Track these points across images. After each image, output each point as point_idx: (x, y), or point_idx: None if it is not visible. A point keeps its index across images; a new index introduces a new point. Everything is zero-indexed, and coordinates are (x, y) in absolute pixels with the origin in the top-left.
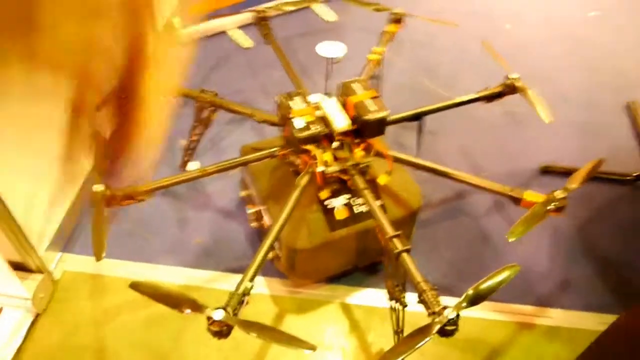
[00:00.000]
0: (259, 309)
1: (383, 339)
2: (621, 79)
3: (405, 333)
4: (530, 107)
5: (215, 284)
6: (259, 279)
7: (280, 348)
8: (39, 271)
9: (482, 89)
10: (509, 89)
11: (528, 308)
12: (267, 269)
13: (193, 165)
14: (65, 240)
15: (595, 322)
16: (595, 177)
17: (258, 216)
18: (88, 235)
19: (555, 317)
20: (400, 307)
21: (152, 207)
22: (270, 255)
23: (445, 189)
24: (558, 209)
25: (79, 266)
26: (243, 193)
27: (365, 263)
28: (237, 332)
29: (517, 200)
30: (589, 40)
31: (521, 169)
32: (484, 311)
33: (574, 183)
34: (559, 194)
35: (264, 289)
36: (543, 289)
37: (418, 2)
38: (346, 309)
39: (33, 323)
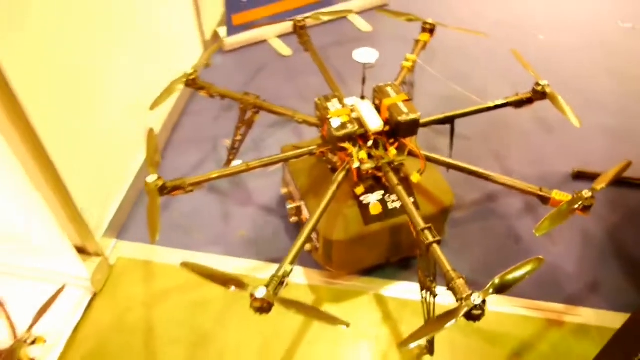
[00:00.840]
0: (298, 297)
1: (414, 329)
2: None
3: None
4: (560, 113)
5: (257, 273)
6: (299, 269)
7: (316, 334)
8: (97, 255)
9: (512, 95)
10: (539, 95)
11: (558, 306)
12: (306, 260)
13: (237, 164)
14: (119, 228)
15: (622, 321)
16: (627, 182)
17: (297, 211)
18: (140, 224)
19: (584, 315)
20: (431, 297)
21: (199, 203)
22: (309, 247)
23: (477, 192)
24: (585, 208)
25: (132, 253)
26: (284, 190)
27: (398, 257)
28: (277, 318)
29: (545, 200)
30: (621, 50)
31: (553, 174)
32: (514, 307)
33: (600, 184)
34: (586, 193)
35: (302, 279)
36: (573, 289)
37: (451, 10)
38: (380, 300)
39: (90, 302)
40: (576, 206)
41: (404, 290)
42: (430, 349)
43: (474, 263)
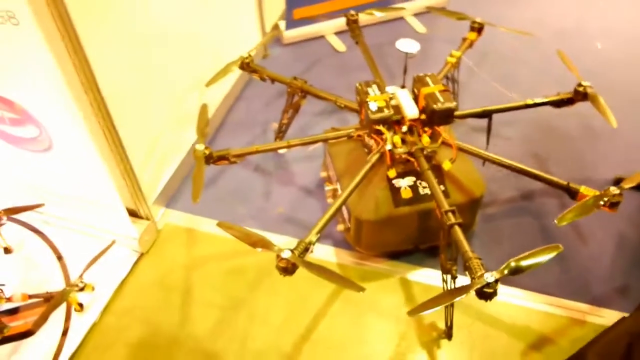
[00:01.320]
0: None
1: (436, 314)
2: None
3: (456, 307)
4: (601, 115)
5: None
6: (330, 249)
7: (339, 309)
8: (147, 219)
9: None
10: (580, 96)
11: (583, 306)
12: (338, 242)
13: (282, 150)
14: (169, 198)
15: None
16: None
17: (334, 193)
18: (188, 196)
19: (607, 317)
20: (452, 280)
21: (243, 180)
22: (342, 227)
23: (512, 190)
24: (612, 205)
25: (178, 220)
26: (323, 174)
27: (426, 244)
28: (305, 291)
29: (573, 194)
30: None
31: (594, 179)
32: (537, 303)
33: (629, 183)
34: (614, 190)
35: (332, 257)
36: (600, 290)
37: (513, 18)
38: (405, 283)
39: (136, 261)
40: (602, 202)
41: (429, 277)
42: (448, 333)
43: (501, 257)
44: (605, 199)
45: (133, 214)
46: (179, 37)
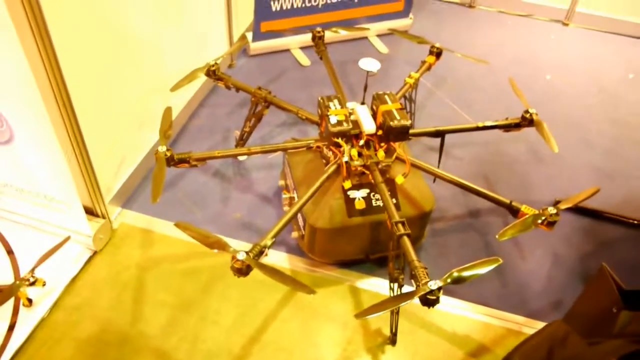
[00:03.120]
0: None
1: (381, 321)
2: None
3: (401, 314)
4: (544, 140)
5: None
6: (284, 255)
7: (290, 314)
8: (103, 217)
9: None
10: (526, 122)
11: (519, 318)
12: (292, 249)
13: (242, 157)
14: (126, 198)
15: None
16: (603, 216)
17: (291, 201)
18: (146, 197)
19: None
20: (399, 289)
21: (202, 185)
22: (296, 234)
23: (461, 207)
24: (549, 224)
25: (135, 221)
26: (281, 182)
27: (376, 254)
28: (257, 296)
29: (515, 212)
30: (622, 99)
31: (536, 201)
32: (477, 314)
33: (566, 204)
34: (551, 210)
35: (286, 263)
36: (536, 304)
37: (472, 45)
38: (354, 291)
39: (90, 259)
40: (540, 220)
41: (378, 285)
42: (393, 339)
43: (447, 269)
44: (543, 217)
45: (89, 211)
46: (147, 40)
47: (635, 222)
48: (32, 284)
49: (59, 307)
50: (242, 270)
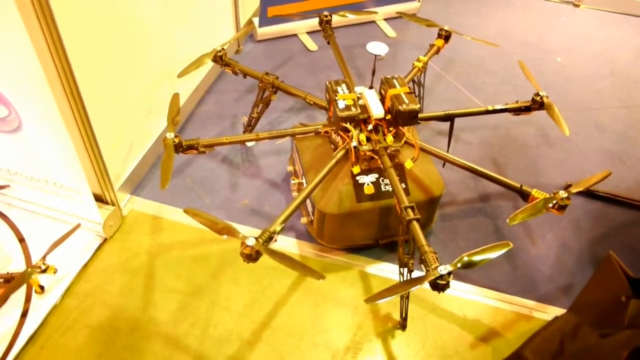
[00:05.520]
0: None
1: (391, 306)
2: None
3: (411, 299)
4: (555, 123)
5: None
6: (293, 240)
7: (299, 298)
8: (112, 204)
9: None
10: (537, 105)
11: (529, 302)
12: (301, 234)
13: (250, 143)
14: (135, 185)
15: None
16: (614, 199)
17: (299, 187)
18: (155, 184)
19: (552, 313)
20: (408, 273)
21: (211, 171)
22: (305, 220)
23: (470, 192)
24: (560, 208)
25: (144, 208)
26: (290, 168)
27: (386, 239)
28: (266, 280)
29: (525, 196)
30: (634, 80)
31: (547, 185)
32: (487, 298)
33: (577, 187)
34: (562, 194)
35: (295, 249)
36: (546, 288)
37: (481, 28)
38: (364, 276)
39: (100, 246)
40: (551, 204)
41: (387, 270)
42: (403, 324)
43: (456, 253)
44: (554, 201)
45: (99, 199)
46: (154, 27)
47: None
48: (44, 271)
49: (70, 293)
50: (252, 256)
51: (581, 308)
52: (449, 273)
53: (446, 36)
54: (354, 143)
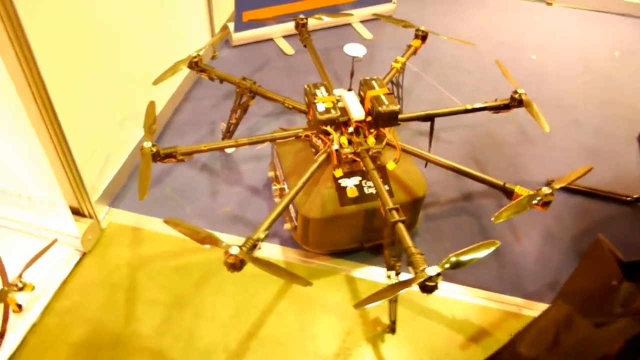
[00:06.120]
0: None
1: (380, 310)
2: (635, 113)
3: (399, 302)
4: (535, 120)
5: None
6: (277, 247)
7: (286, 307)
8: (90, 217)
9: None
10: (516, 102)
11: (518, 300)
12: (285, 240)
13: (230, 149)
14: (113, 196)
15: None
16: (595, 194)
17: (281, 193)
18: (133, 195)
19: (540, 310)
20: (396, 276)
21: (190, 179)
22: (289, 226)
23: (453, 191)
24: (544, 204)
25: (123, 219)
26: (271, 173)
27: (371, 242)
28: (251, 290)
29: (509, 194)
30: (609, 77)
31: (528, 182)
32: (476, 297)
33: (560, 183)
34: (546, 190)
35: (279, 256)
36: (534, 285)
37: (456, 28)
38: (350, 280)
39: (79, 260)
40: (535, 201)
41: (374, 274)
42: (392, 327)
43: (442, 254)
44: (538, 198)
45: (76, 212)
46: (127, 33)
47: (628, 198)
48: (21, 289)
49: (49, 311)
50: (236, 265)
51: (570, 295)
52: (438, 274)
53: (423, 36)
54: (335, 146)
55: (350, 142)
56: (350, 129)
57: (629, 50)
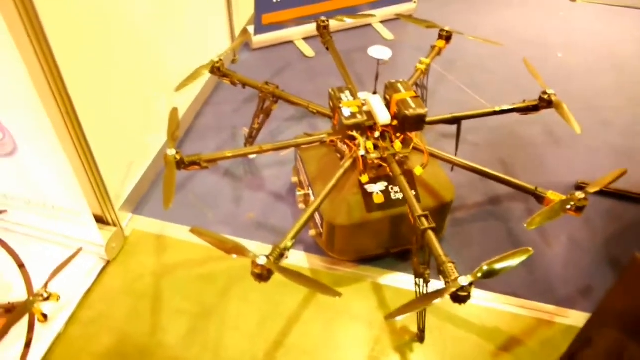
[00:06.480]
0: None
1: (408, 317)
2: None
3: (427, 310)
4: (565, 121)
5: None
6: (302, 254)
7: (312, 315)
8: (114, 225)
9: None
10: (545, 103)
11: (548, 307)
12: (310, 247)
13: (252, 155)
14: (136, 204)
15: None
16: (626, 195)
17: (306, 199)
18: (157, 202)
19: (574, 317)
20: (425, 285)
21: (213, 186)
22: (314, 232)
23: (480, 195)
24: (578, 209)
25: (147, 227)
26: (294, 179)
27: (398, 249)
28: (277, 298)
29: (540, 199)
30: (637, 73)
31: (557, 184)
32: (506, 305)
33: (594, 187)
34: (579, 195)
35: (305, 263)
36: (564, 292)
37: (479, 27)
38: (377, 288)
39: (103, 269)
40: (569, 206)
41: (402, 281)
42: (421, 336)
43: (471, 261)
44: (572, 203)
45: (99, 220)
46: (147, 40)
47: None
48: (46, 299)
49: (74, 321)
50: (264, 276)
51: (612, 317)
52: (470, 284)
53: (447, 37)
54: (362, 152)
55: (376, 147)
56: (377, 134)
57: None
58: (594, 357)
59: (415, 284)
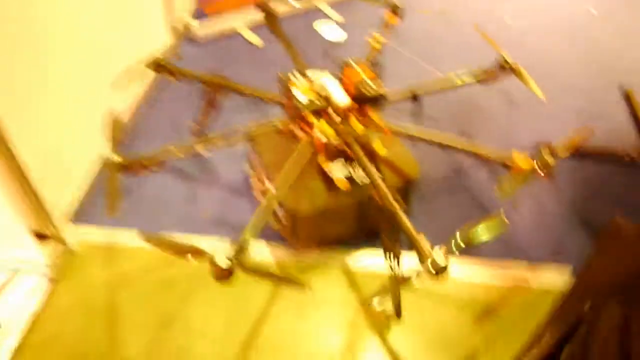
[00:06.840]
0: None
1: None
2: (618, 70)
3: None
4: (526, 87)
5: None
6: (265, 246)
7: (281, 308)
8: (55, 239)
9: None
10: (504, 70)
11: (524, 271)
12: (272, 236)
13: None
14: (81, 212)
15: None
16: (592, 155)
17: (263, 190)
18: (102, 208)
19: (549, 280)
20: (395, 259)
21: (162, 187)
22: (276, 224)
23: (443, 167)
24: (547, 173)
25: (94, 236)
26: (250, 172)
27: (365, 232)
28: (242, 295)
29: (508, 166)
30: (587, 35)
31: (519, 150)
32: (482, 275)
33: (563, 150)
34: (549, 158)
35: (270, 256)
36: (536, 254)
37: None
38: (347, 272)
39: (51, 287)
40: (538, 168)
41: (371, 262)
42: (397, 311)
43: (440, 233)
44: (542, 168)
45: (38, 235)
46: (80, 36)
47: (626, 157)
48: None
49: (23, 348)
50: (225, 275)
51: (598, 286)
52: (446, 256)
53: (396, 11)
54: (323, 138)
55: (336, 131)
56: (336, 117)
57: (608, 8)
58: (603, 336)
59: (386, 257)
